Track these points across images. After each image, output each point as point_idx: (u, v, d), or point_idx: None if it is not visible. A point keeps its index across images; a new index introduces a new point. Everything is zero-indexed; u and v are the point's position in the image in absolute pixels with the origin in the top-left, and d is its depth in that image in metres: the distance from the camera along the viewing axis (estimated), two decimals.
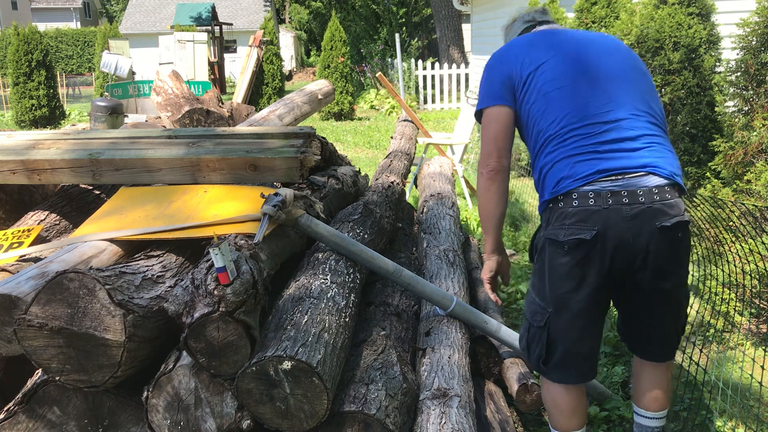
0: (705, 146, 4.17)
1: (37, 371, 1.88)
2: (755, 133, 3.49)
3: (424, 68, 14.58)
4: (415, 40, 20.22)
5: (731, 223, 3.00)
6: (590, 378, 2.06)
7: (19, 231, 2.38)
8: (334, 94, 5.31)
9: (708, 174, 3.96)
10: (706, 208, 3.01)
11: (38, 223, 2.57)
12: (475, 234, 5.18)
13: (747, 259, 2.87)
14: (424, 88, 14.57)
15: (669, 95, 4.26)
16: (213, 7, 23.59)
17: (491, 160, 2.00)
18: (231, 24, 26.17)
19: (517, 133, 2.08)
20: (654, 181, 1.80)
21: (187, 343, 1.64)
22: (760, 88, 3.62)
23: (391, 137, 5.01)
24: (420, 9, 21.25)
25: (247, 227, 2.05)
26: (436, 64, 14.49)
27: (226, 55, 23.46)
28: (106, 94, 9.83)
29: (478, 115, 2.07)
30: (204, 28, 19.56)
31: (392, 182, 3.45)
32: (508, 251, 4.75)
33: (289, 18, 35.90)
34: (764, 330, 3.26)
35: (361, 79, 17.76)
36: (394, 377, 1.84)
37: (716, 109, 4.16)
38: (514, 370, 2.45)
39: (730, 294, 3.09)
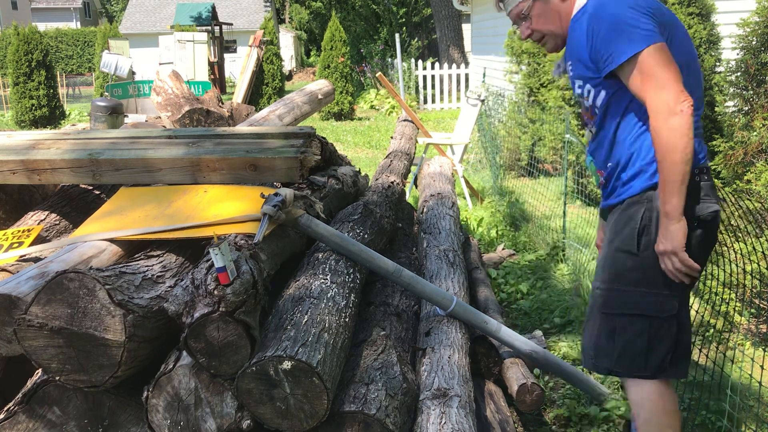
0: None
1: (37, 371, 1.88)
2: (755, 133, 3.49)
3: (424, 68, 14.59)
4: (415, 40, 20.23)
5: (732, 223, 2.99)
6: None
7: (19, 231, 2.38)
8: (334, 94, 5.31)
9: None
10: None
11: (38, 223, 2.56)
12: (475, 234, 5.18)
13: (749, 259, 2.87)
14: (424, 88, 14.58)
15: None
16: (213, 7, 23.58)
17: (685, 94, 1.73)
18: (231, 24, 26.18)
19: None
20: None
21: (187, 343, 1.64)
22: (760, 88, 3.62)
23: (391, 137, 5.01)
24: (420, 9, 21.26)
25: (247, 227, 2.05)
26: (436, 64, 14.50)
27: (226, 55, 23.45)
28: (106, 94, 9.84)
29: (630, 59, 1.77)
30: (204, 28, 19.57)
31: (392, 182, 3.45)
32: (507, 251, 4.75)
33: (289, 18, 35.91)
34: (764, 330, 3.26)
35: (361, 79, 17.78)
36: (394, 377, 1.84)
37: (716, 109, 4.16)
38: (514, 370, 2.45)
39: (730, 294, 3.09)
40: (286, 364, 1.60)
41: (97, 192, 2.90)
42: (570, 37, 1.99)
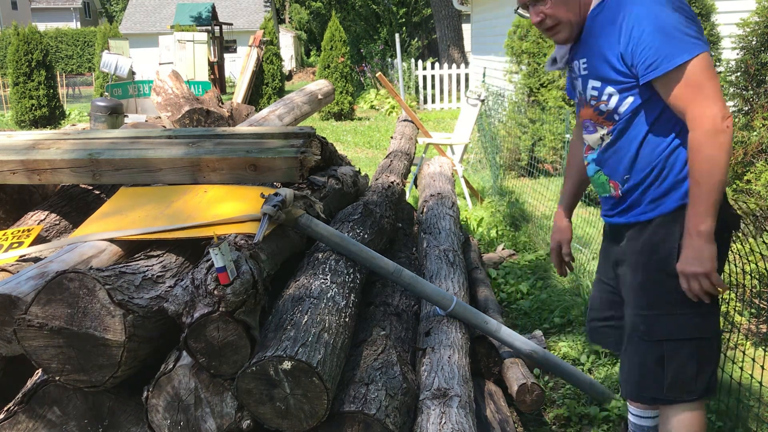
0: None
1: (37, 371, 1.88)
2: (755, 133, 3.49)
3: (424, 68, 14.59)
4: (415, 40, 20.24)
5: None
6: None
7: (19, 231, 2.38)
8: (334, 94, 5.31)
9: None
10: None
11: (38, 223, 2.57)
12: (474, 234, 5.18)
13: (747, 259, 2.87)
14: (424, 88, 14.58)
15: None
16: (213, 7, 23.58)
17: (728, 109, 1.64)
18: (231, 24, 26.18)
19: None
20: None
21: (187, 343, 1.64)
22: (760, 88, 3.62)
23: (391, 137, 5.01)
24: (420, 9, 21.26)
25: (247, 227, 2.05)
26: (436, 64, 14.50)
27: (226, 55, 23.45)
28: (106, 94, 9.83)
29: (678, 67, 1.63)
30: (204, 28, 19.55)
31: (392, 182, 3.45)
32: (507, 251, 4.75)
33: (289, 18, 35.91)
34: (764, 330, 3.26)
35: (361, 79, 17.78)
36: (394, 377, 1.84)
37: None
38: (514, 370, 2.45)
39: (730, 294, 3.09)
40: (286, 364, 1.60)
41: (97, 192, 2.90)
42: (589, 31, 1.82)
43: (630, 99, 1.76)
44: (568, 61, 1.95)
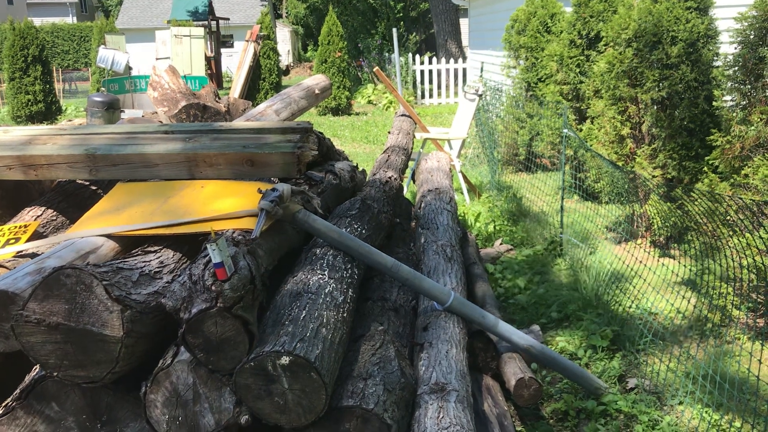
0: (702, 140, 4.17)
1: (34, 367, 1.87)
2: (753, 128, 3.49)
3: (422, 63, 14.56)
4: (413, 34, 20.20)
5: (729, 218, 3.00)
6: None
7: (15, 227, 2.37)
8: (332, 89, 5.30)
9: (705, 168, 3.96)
10: (704, 203, 3.01)
11: (35, 219, 2.56)
12: (472, 229, 5.19)
13: (744, 253, 2.88)
14: (422, 82, 14.56)
15: (667, 90, 4.25)
16: (210, 2, 23.48)
17: None
18: (228, 19, 26.04)
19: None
20: None
21: (185, 338, 1.64)
22: (757, 82, 3.62)
23: (389, 132, 5.00)
24: (417, 4, 21.22)
25: (244, 223, 2.05)
26: (434, 59, 14.47)
27: (222, 50, 23.35)
28: (103, 89, 9.80)
29: None
30: (201, 22, 19.49)
31: (390, 177, 3.45)
32: (505, 246, 4.75)
33: (286, 12, 35.79)
34: (761, 324, 3.27)
35: (359, 74, 17.76)
36: (392, 372, 1.84)
37: (714, 103, 4.16)
38: (511, 365, 2.45)
39: (727, 288, 3.10)
40: (284, 360, 1.60)
41: (94, 188, 2.89)
42: None
43: None
44: None
